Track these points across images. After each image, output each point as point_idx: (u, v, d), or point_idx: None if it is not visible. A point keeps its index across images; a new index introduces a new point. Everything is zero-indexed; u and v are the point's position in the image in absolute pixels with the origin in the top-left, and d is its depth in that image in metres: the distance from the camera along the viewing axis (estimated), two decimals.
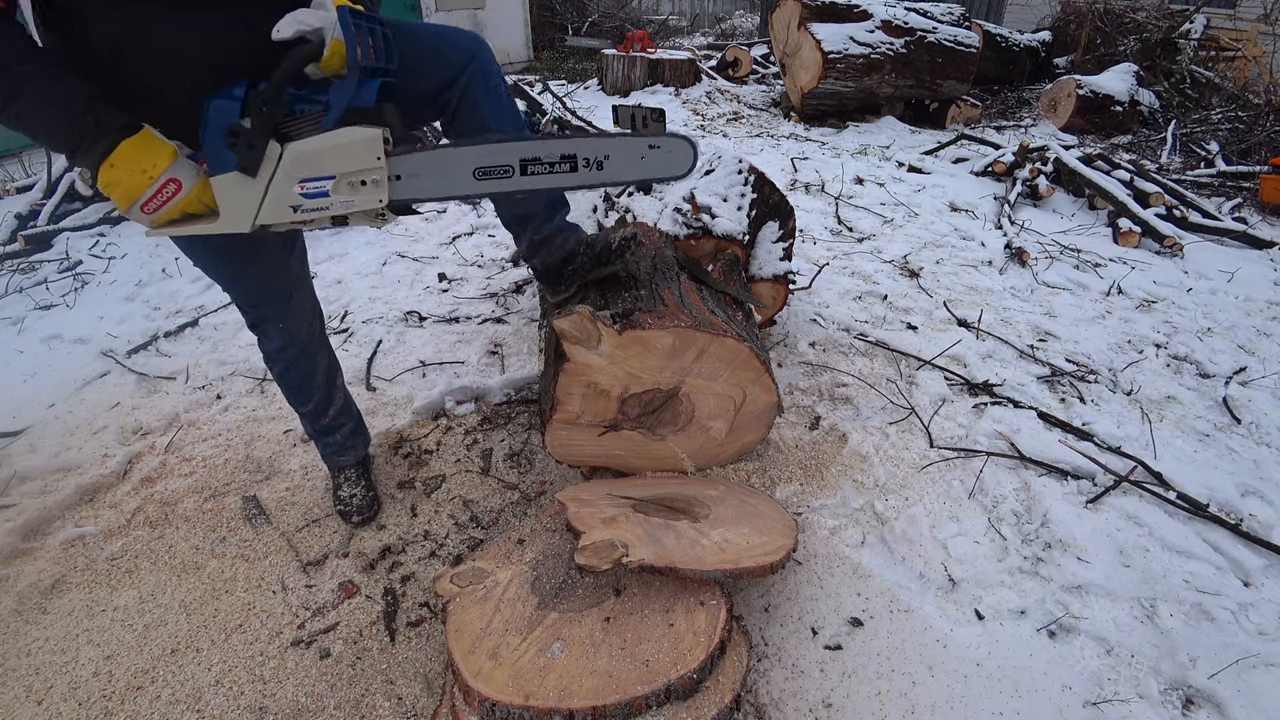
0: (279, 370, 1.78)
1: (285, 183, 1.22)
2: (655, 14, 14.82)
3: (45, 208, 4.32)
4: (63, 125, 1.10)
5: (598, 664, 1.25)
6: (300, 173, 1.22)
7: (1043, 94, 6.94)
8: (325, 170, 1.22)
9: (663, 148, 1.54)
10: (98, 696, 1.48)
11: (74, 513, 2.00)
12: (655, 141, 1.53)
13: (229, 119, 1.16)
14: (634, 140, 1.50)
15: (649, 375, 1.74)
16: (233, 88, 1.17)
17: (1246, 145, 5.45)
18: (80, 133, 1.10)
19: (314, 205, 1.25)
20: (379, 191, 1.27)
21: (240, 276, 1.56)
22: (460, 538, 1.88)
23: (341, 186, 1.25)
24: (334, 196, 1.25)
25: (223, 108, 1.17)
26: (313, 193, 1.24)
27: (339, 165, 1.23)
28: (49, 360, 2.80)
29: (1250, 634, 1.58)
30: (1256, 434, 2.28)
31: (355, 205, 1.28)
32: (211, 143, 1.18)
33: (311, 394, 1.83)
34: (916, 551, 1.77)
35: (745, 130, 6.40)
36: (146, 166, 1.13)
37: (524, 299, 3.14)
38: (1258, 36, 7.32)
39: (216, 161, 1.19)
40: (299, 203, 1.24)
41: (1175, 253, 3.72)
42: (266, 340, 1.72)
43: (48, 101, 1.09)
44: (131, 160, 1.13)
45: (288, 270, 1.64)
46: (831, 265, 3.43)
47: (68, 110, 1.09)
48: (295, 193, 1.23)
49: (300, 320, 1.71)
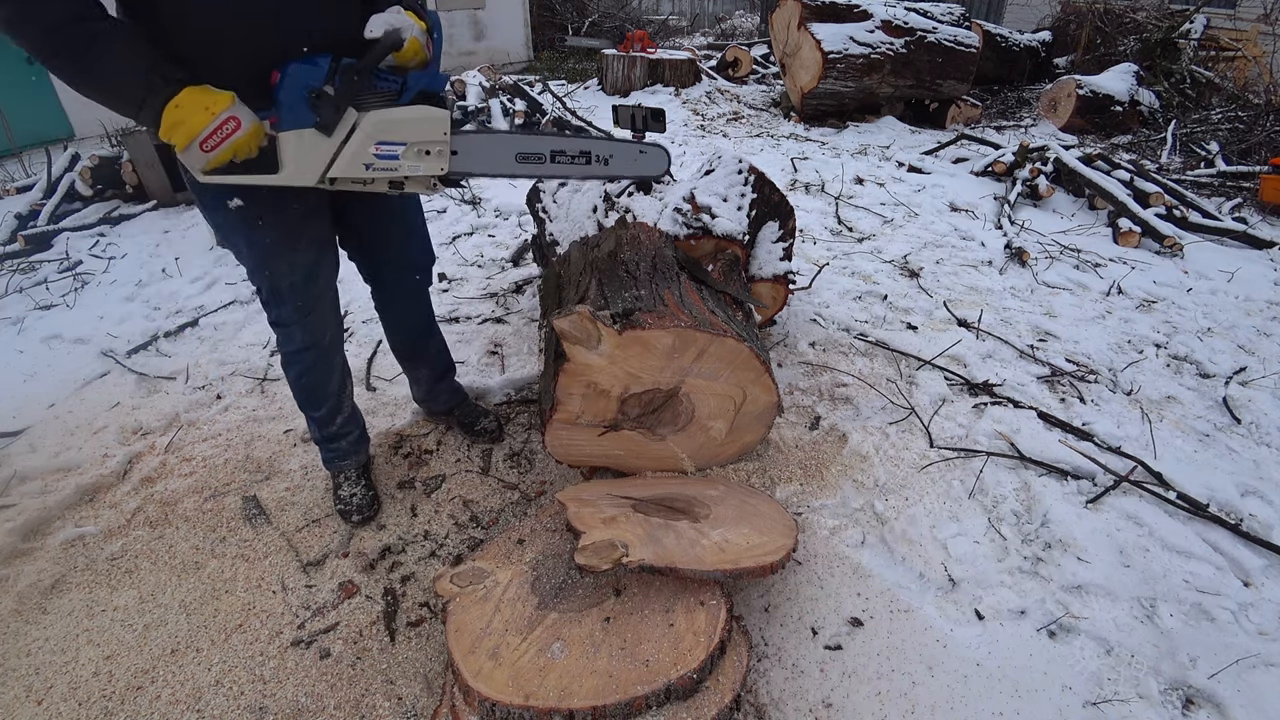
0: (296, 372, 1.78)
1: (364, 143, 1.39)
2: (655, 14, 14.82)
3: (45, 208, 4.32)
4: (131, 80, 1.20)
5: (598, 664, 1.25)
6: (379, 136, 1.40)
7: (1043, 94, 6.94)
8: (400, 137, 1.42)
9: (647, 153, 1.96)
10: (98, 696, 1.48)
11: (74, 513, 2.00)
12: (643, 147, 1.96)
13: (313, 82, 1.32)
14: (630, 145, 1.93)
15: (649, 375, 1.74)
16: (315, 57, 1.33)
17: (1246, 145, 5.45)
18: (148, 86, 1.21)
19: (384, 166, 1.44)
20: (440, 161, 1.48)
21: (279, 264, 1.58)
22: (460, 538, 1.88)
23: (410, 153, 1.45)
24: (402, 160, 1.45)
25: (308, 72, 1.32)
26: (385, 155, 1.43)
27: (412, 134, 1.43)
28: (49, 360, 2.80)
29: (1250, 634, 1.58)
30: (1256, 434, 2.28)
31: (419, 170, 1.48)
32: (289, 100, 1.32)
33: (325, 399, 1.84)
34: (916, 551, 1.77)
35: (745, 130, 6.40)
36: (209, 104, 1.24)
37: (524, 299, 3.14)
38: (1258, 36, 7.32)
39: (291, 118, 1.33)
40: (371, 161, 1.42)
41: (1175, 253, 3.72)
42: (288, 340, 1.72)
43: (120, 57, 1.18)
44: (195, 99, 1.23)
45: (322, 268, 1.67)
46: (831, 265, 3.43)
47: (135, 65, 1.19)
48: (370, 152, 1.41)
49: (324, 322, 1.73)
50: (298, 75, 1.31)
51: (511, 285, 3.26)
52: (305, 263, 1.61)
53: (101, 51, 1.17)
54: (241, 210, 1.48)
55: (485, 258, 3.62)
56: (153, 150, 4.47)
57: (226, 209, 1.48)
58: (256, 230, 1.51)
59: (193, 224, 4.30)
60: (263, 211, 1.49)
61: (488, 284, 3.30)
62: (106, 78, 1.20)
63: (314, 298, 1.66)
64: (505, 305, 3.09)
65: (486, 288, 3.26)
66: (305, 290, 1.63)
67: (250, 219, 1.49)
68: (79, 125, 6.89)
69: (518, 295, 3.18)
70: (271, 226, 1.52)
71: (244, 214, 1.49)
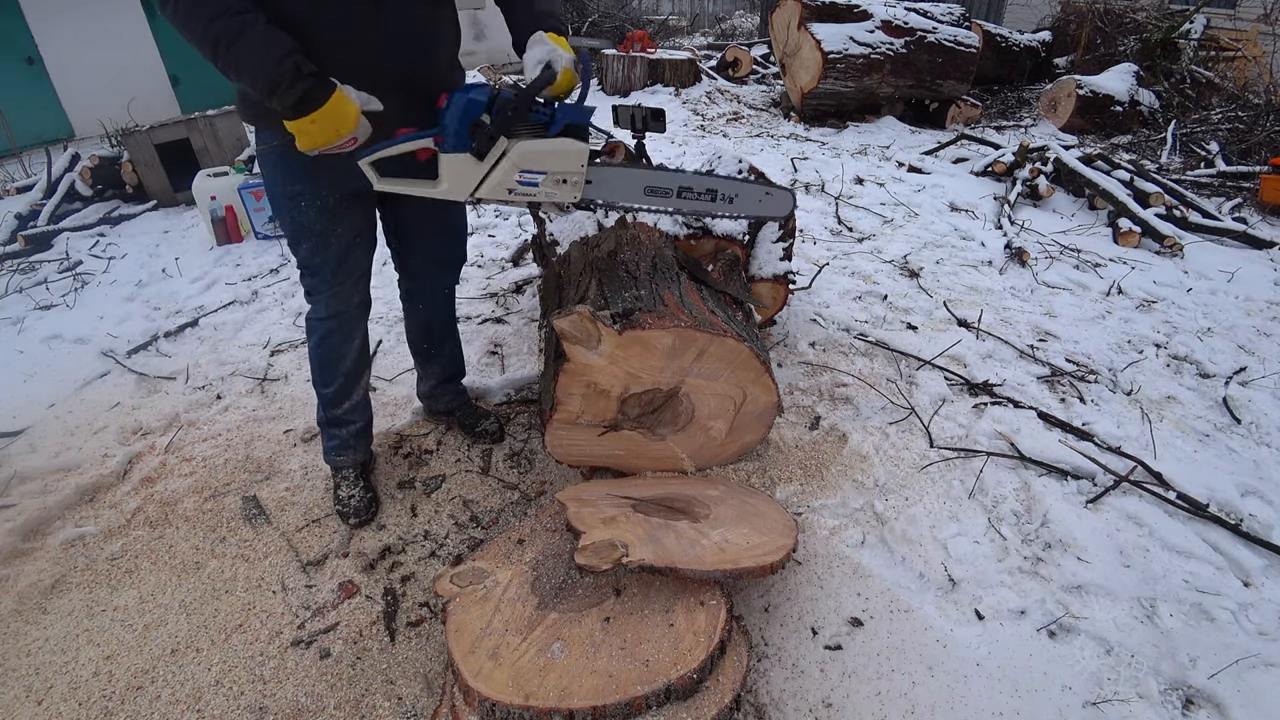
0: (317, 338, 1.84)
1: (509, 170, 1.52)
2: (655, 14, 14.82)
3: (45, 208, 4.33)
4: (270, 67, 1.31)
5: (598, 664, 1.25)
6: (523, 165, 1.52)
7: (1043, 94, 6.94)
8: (541, 167, 1.54)
9: (773, 194, 2.03)
10: (98, 696, 1.48)
11: (74, 513, 2.00)
12: (770, 189, 2.02)
13: (475, 113, 1.45)
14: (755, 186, 1.99)
15: (649, 375, 1.74)
16: (471, 88, 1.46)
17: (1246, 145, 5.45)
18: (283, 75, 1.32)
19: (524, 191, 1.57)
20: (575, 190, 1.60)
21: (316, 242, 1.70)
22: (460, 538, 1.88)
23: (549, 181, 1.57)
24: (541, 187, 1.57)
25: (471, 104, 1.45)
26: (526, 181, 1.55)
27: (552, 165, 1.55)
28: (49, 360, 2.80)
29: (1250, 634, 1.58)
30: (1256, 434, 2.28)
31: (555, 197, 1.60)
32: (453, 126, 1.46)
33: (336, 376, 1.88)
34: (916, 551, 1.77)
35: (745, 130, 6.40)
36: (339, 126, 1.39)
37: (524, 299, 3.14)
38: (1258, 36, 7.31)
39: (454, 143, 1.48)
40: (514, 187, 1.55)
41: (1175, 253, 3.72)
42: (315, 308, 1.82)
43: (264, 46, 1.30)
44: (328, 121, 1.37)
45: (355, 252, 1.77)
46: (831, 265, 3.43)
47: (276, 54, 1.31)
48: (514, 179, 1.54)
49: (351, 294, 1.82)
50: (462, 105, 1.45)
51: (511, 285, 3.26)
52: (340, 246, 1.72)
53: (250, 41, 1.30)
54: (291, 190, 1.63)
55: (485, 258, 3.63)
56: (153, 150, 4.48)
57: (280, 183, 1.63)
58: (300, 210, 1.65)
59: (193, 224, 4.30)
60: (307, 195, 1.63)
61: (488, 284, 3.30)
62: (248, 64, 1.31)
63: (344, 275, 1.77)
64: (505, 305, 3.09)
65: (486, 288, 3.27)
66: (337, 268, 1.75)
67: (295, 198, 1.63)
68: (79, 125, 6.90)
69: (518, 295, 3.18)
70: (313, 210, 1.65)
71: (292, 194, 1.63)
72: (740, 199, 1.96)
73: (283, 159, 1.60)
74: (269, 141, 1.61)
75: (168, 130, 4.52)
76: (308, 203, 1.64)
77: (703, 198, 1.88)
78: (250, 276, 3.53)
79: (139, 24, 7.29)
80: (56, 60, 6.77)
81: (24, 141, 6.43)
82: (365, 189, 1.62)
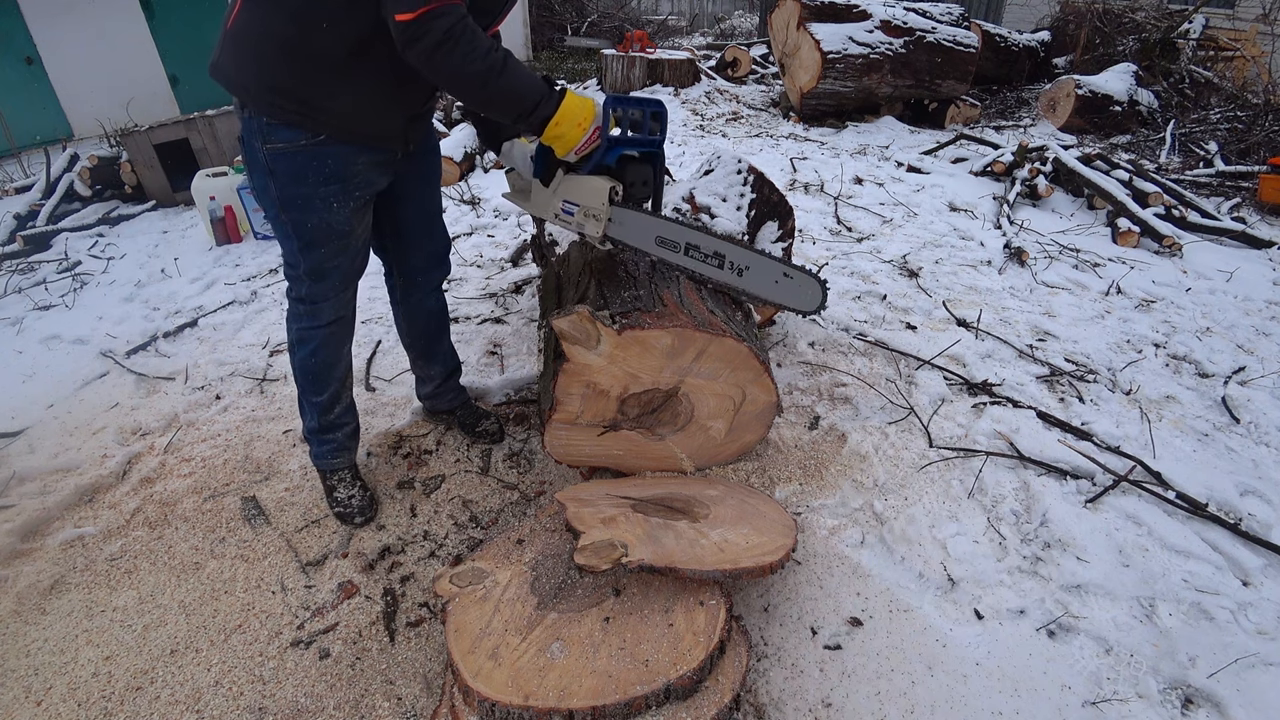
0: (310, 349, 1.81)
1: (555, 198, 1.80)
2: (654, 14, 14.81)
3: (44, 208, 4.32)
4: (533, 88, 1.50)
5: (597, 664, 1.25)
6: (563, 195, 1.78)
7: (1042, 94, 6.94)
8: (575, 199, 1.76)
9: (793, 278, 1.84)
10: (97, 697, 1.48)
11: (73, 513, 2.00)
12: (790, 271, 1.84)
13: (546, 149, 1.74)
14: (772, 262, 1.84)
15: (648, 375, 1.74)
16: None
17: (1245, 145, 5.45)
18: (547, 88, 1.52)
19: (565, 218, 1.80)
20: (599, 226, 1.76)
21: (335, 244, 1.69)
22: (460, 538, 1.88)
23: (580, 213, 1.77)
24: (576, 217, 1.78)
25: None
26: (567, 209, 1.79)
27: (581, 198, 1.75)
28: (48, 360, 2.80)
29: (1249, 633, 1.58)
30: (1255, 434, 2.28)
31: (585, 228, 1.77)
32: (536, 155, 1.82)
33: (329, 384, 1.87)
34: (916, 551, 1.77)
35: (744, 130, 6.40)
36: (581, 120, 1.58)
37: (523, 299, 3.14)
38: (1256, 36, 7.32)
39: (536, 168, 1.82)
40: (559, 212, 1.80)
41: (1174, 252, 3.72)
42: (314, 316, 1.79)
43: (524, 70, 1.49)
44: (571, 115, 1.56)
45: (362, 254, 1.81)
46: (831, 265, 3.43)
47: (534, 78, 1.51)
48: (559, 205, 1.79)
49: (352, 298, 1.85)
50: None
51: (511, 285, 3.26)
52: (355, 247, 1.75)
53: (514, 69, 1.46)
54: (324, 190, 1.60)
55: (484, 258, 3.63)
56: (151, 150, 4.48)
57: (307, 184, 1.58)
58: (330, 210, 1.64)
59: (192, 224, 4.30)
60: (340, 195, 1.63)
61: (487, 284, 3.30)
62: (516, 88, 1.48)
63: (352, 277, 1.80)
64: (504, 305, 3.09)
65: (486, 288, 3.26)
66: (348, 271, 1.77)
67: (326, 199, 1.61)
68: (78, 125, 6.89)
69: (517, 295, 3.18)
70: (345, 209, 1.66)
71: (324, 194, 1.60)
72: (753, 272, 1.82)
73: (315, 156, 1.54)
74: (295, 140, 1.52)
75: (167, 130, 4.52)
76: (340, 202, 1.62)
77: (709, 261, 1.81)
78: (249, 277, 3.53)
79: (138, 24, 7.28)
80: (55, 60, 6.76)
81: (23, 141, 6.42)
82: (381, 189, 1.69)
